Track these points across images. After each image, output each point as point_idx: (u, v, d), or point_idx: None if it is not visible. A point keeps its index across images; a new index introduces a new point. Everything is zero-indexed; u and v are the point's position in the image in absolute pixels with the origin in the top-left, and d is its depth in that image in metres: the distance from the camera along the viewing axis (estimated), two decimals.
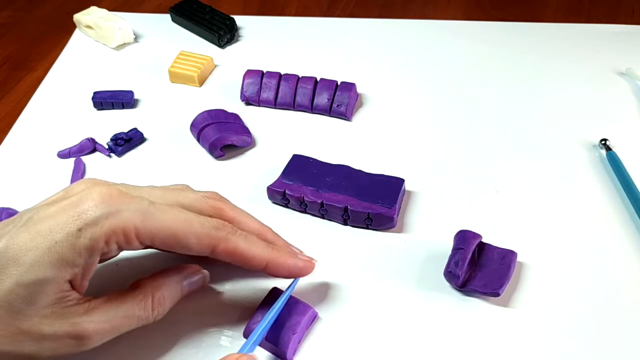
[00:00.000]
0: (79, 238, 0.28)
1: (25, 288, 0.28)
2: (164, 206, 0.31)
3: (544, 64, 0.56)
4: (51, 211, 0.29)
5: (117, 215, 0.29)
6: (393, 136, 0.49)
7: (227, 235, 0.32)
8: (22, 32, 0.67)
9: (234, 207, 0.36)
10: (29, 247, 0.28)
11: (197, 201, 0.34)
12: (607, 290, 0.37)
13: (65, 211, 0.29)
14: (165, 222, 0.30)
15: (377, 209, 0.40)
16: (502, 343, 0.35)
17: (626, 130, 0.49)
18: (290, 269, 0.35)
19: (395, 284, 0.38)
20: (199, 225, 0.32)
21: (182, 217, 0.31)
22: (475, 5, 0.67)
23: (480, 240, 0.38)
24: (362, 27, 0.63)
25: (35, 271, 0.28)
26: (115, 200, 0.29)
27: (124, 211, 0.29)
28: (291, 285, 0.35)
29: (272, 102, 0.52)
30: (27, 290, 0.28)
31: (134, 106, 0.54)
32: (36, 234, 0.28)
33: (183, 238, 0.31)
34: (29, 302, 0.28)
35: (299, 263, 0.35)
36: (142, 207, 0.30)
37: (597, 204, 0.43)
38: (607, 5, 0.65)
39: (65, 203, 0.29)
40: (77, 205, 0.29)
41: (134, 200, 0.30)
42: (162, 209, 0.31)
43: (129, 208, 0.30)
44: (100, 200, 0.29)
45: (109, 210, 0.29)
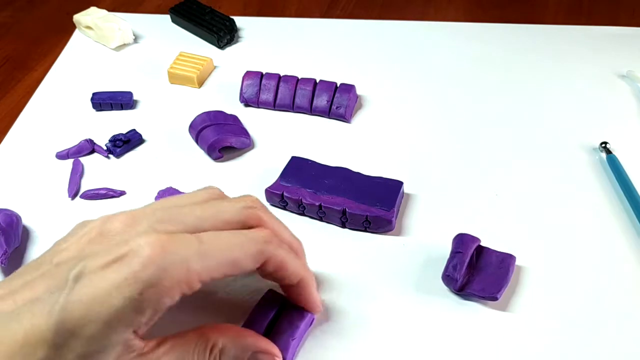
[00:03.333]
0: (141, 302, 0.26)
1: (89, 358, 0.26)
2: (214, 237, 0.29)
3: (544, 66, 0.56)
4: (99, 269, 0.27)
5: (176, 269, 0.27)
6: (392, 138, 0.49)
7: (276, 248, 0.31)
8: (22, 32, 0.67)
9: (272, 216, 0.34)
10: (87, 317, 0.26)
11: (239, 214, 0.32)
12: (606, 294, 0.37)
13: (117, 272, 0.26)
14: (222, 255, 0.29)
15: (375, 211, 0.40)
16: (500, 347, 0.35)
17: (626, 133, 0.49)
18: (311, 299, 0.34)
19: (393, 287, 0.38)
20: (252, 244, 0.30)
21: (235, 242, 0.29)
22: (475, 6, 0.67)
23: (479, 244, 0.38)
24: (362, 28, 0.63)
25: (98, 342, 0.26)
26: (167, 251, 0.27)
27: (181, 262, 0.27)
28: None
29: (271, 103, 0.52)
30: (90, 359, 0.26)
31: (133, 107, 0.53)
32: (91, 301, 0.26)
33: (240, 263, 0.30)
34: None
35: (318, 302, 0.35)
36: (195, 249, 0.28)
37: (597, 208, 0.43)
38: (608, 7, 0.65)
39: (111, 258, 0.27)
40: (128, 263, 0.26)
41: (184, 244, 0.28)
42: (214, 243, 0.29)
43: (184, 257, 0.27)
44: (153, 256, 0.27)
45: (165, 266, 0.27)
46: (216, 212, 0.31)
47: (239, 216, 0.32)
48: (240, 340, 0.31)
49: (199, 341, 0.30)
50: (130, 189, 0.46)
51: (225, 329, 0.31)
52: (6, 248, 0.39)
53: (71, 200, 0.45)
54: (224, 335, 0.31)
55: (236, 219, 0.31)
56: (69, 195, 0.45)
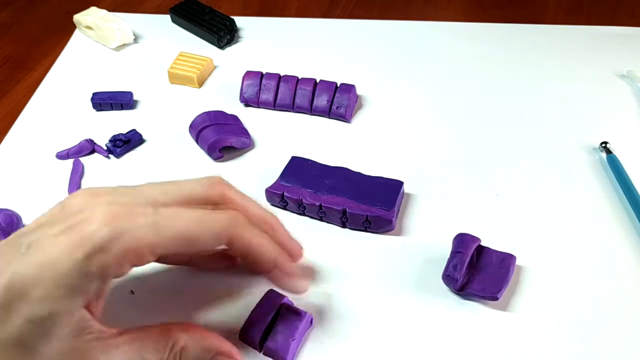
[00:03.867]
0: (88, 265, 0.26)
1: (38, 324, 0.26)
2: (171, 211, 0.29)
3: (544, 66, 0.56)
4: (52, 236, 0.27)
5: (126, 236, 0.27)
6: (392, 138, 0.49)
7: (242, 230, 0.31)
8: (22, 32, 0.67)
9: (239, 192, 0.33)
10: (36, 280, 0.26)
11: (202, 187, 0.31)
12: (606, 294, 0.37)
13: (68, 236, 0.27)
14: (177, 230, 0.29)
15: (375, 211, 0.40)
16: (501, 347, 0.34)
17: (627, 133, 0.49)
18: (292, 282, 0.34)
19: (393, 287, 0.38)
20: (212, 223, 0.30)
21: (193, 218, 0.29)
22: (475, 6, 0.67)
23: (479, 244, 0.38)
24: (362, 28, 0.63)
25: (46, 305, 0.26)
26: (120, 218, 0.27)
27: (132, 230, 0.27)
28: None
29: (271, 103, 0.52)
30: (40, 326, 0.26)
31: (133, 107, 0.53)
32: (41, 265, 0.26)
33: (198, 240, 0.29)
34: (44, 339, 0.26)
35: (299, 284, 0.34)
36: (149, 220, 0.28)
37: (597, 208, 0.43)
38: (608, 6, 0.65)
39: (66, 225, 0.27)
40: (80, 228, 0.27)
41: (139, 214, 0.28)
42: (170, 216, 0.29)
43: (137, 225, 0.27)
44: (104, 221, 0.27)
45: (116, 231, 0.27)
46: (178, 186, 0.31)
47: (201, 189, 0.31)
48: (203, 341, 0.31)
49: (161, 337, 0.30)
50: None
51: (189, 328, 0.31)
52: None
53: None
54: (187, 334, 0.31)
55: (198, 193, 0.31)
56: None
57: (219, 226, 0.30)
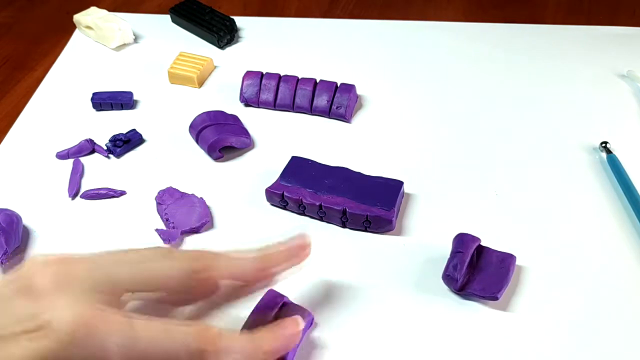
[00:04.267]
0: None
1: None
2: (146, 328, 0.27)
3: (544, 66, 0.56)
4: (16, 334, 0.25)
5: (91, 351, 0.25)
6: (392, 138, 0.49)
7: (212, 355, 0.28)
8: (22, 32, 0.67)
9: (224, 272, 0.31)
10: None
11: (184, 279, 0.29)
12: (606, 294, 0.37)
13: (28, 343, 0.24)
14: (148, 353, 0.26)
15: (375, 211, 0.40)
16: (501, 347, 0.35)
17: (627, 133, 0.49)
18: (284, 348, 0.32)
19: (393, 287, 0.38)
20: (184, 350, 0.27)
21: (165, 343, 0.27)
22: (475, 6, 0.67)
23: (479, 244, 0.38)
24: (362, 28, 0.62)
25: None
26: (90, 332, 0.25)
27: (102, 350, 0.25)
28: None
29: (271, 103, 0.52)
30: None
31: (133, 107, 0.53)
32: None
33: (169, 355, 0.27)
34: None
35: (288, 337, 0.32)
36: (120, 339, 0.26)
37: (597, 207, 0.43)
38: (608, 6, 0.65)
39: (30, 325, 0.25)
40: (47, 337, 0.25)
41: (111, 328, 0.26)
42: (142, 338, 0.26)
43: (106, 344, 0.25)
44: (72, 334, 0.25)
45: (82, 350, 0.25)
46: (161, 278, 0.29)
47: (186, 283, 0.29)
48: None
49: None
50: (131, 189, 0.45)
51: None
52: (6, 248, 0.39)
53: (71, 200, 0.45)
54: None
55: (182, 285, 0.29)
56: (69, 195, 0.45)
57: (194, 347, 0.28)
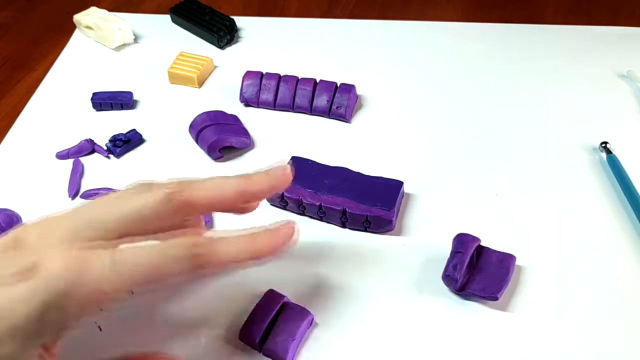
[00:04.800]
0: (46, 315, 0.25)
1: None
2: (131, 254, 0.27)
3: (544, 66, 0.56)
4: (9, 280, 0.26)
5: (83, 290, 0.26)
6: (392, 138, 0.49)
7: (207, 256, 0.29)
8: (22, 32, 0.66)
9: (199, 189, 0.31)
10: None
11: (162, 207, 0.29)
12: (606, 294, 0.37)
13: (25, 282, 0.26)
14: (140, 274, 0.27)
15: (375, 211, 0.40)
16: (501, 347, 0.35)
17: (627, 133, 0.49)
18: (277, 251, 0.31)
19: (393, 287, 0.38)
20: (175, 262, 0.28)
21: (154, 258, 0.28)
22: (474, 6, 0.67)
23: (479, 244, 0.38)
24: (362, 28, 0.62)
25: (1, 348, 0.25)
26: (76, 271, 0.26)
27: (89, 282, 0.26)
28: None
29: (271, 103, 0.52)
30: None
31: (133, 107, 0.53)
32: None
33: (166, 278, 0.28)
34: None
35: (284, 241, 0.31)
36: (106, 270, 0.26)
37: (597, 208, 0.43)
38: (607, 6, 0.65)
39: (22, 268, 0.26)
40: (38, 275, 0.26)
41: (95, 261, 0.27)
42: (128, 263, 0.27)
43: (93, 276, 0.26)
44: (61, 269, 0.26)
45: (71, 285, 0.26)
46: (137, 209, 0.29)
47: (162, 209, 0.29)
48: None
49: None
50: None
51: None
52: None
53: (71, 200, 0.45)
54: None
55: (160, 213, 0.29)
56: (69, 195, 0.45)
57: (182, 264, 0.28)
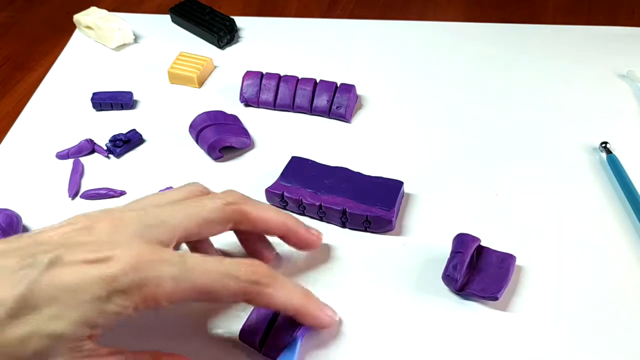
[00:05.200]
0: (107, 304, 0.27)
1: (40, 339, 0.26)
2: (197, 263, 0.29)
3: (544, 66, 0.56)
4: (78, 263, 0.27)
5: (149, 285, 0.28)
6: (392, 138, 0.49)
7: (261, 289, 0.31)
8: (22, 32, 0.66)
9: (256, 206, 0.35)
10: (53, 298, 0.26)
11: (219, 211, 0.33)
12: (606, 294, 0.37)
13: (93, 269, 0.27)
14: (199, 284, 0.29)
15: (375, 211, 0.40)
16: (501, 347, 0.35)
17: (627, 133, 0.49)
18: (316, 322, 0.34)
19: (393, 287, 0.38)
20: (234, 281, 0.30)
21: (216, 273, 0.30)
22: (475, 6, 0.67)
23: (479, 244, 0.38)
24: (362, 28, 0.62)
25: (55, 324, 0.26)
26: (146, 266, 0.28)
27: (156, 279, 0.28)
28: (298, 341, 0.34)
29: (271, 103, 0.52)
30: (41, 342, 0.26)
31: (133, 107, 0.53)
32: (61, 287, 0.27)
33: (217, 296, 0.30)
34: (40, 355, 0.26)
35: (325, 319, 0.34)
36: (174, 271, 0.28)
37: (597, 208, 0.43)
38: (608, 6, 0.65)
39: (93, 256, 0.28)
40: (107, 266, 0.27)
41: (165, 263, 0.29)
42: (195, 269, 0.29)
43: (161, 275, 0.28)
44: (131, 266, 0.27)
45: (141, 278, 0.27)
46: (198, 212, 0.32)
47: (221, 214, 0.33)
48: None
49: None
50: (131, 189, 0.46)
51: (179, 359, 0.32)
52: None
53: (71, 200, 0.45)
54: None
55: (218, 217, 0.33)
56: (69, 195, 0.45)
57: (240, 286, 0.30)
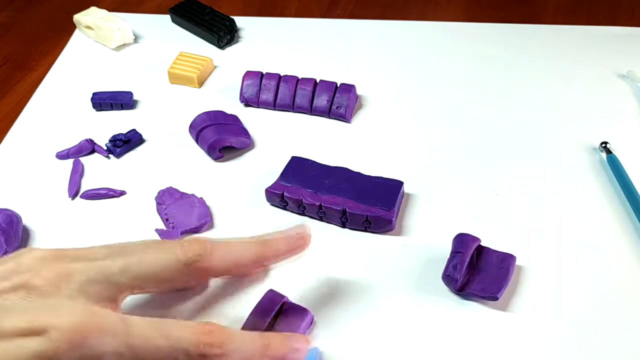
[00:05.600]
0: None
1: None
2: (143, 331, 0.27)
3: (544, 66, 0.56)
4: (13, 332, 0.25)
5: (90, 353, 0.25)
6: (392, 138, 0.49)
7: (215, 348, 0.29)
8: (22, 32, 0.67)
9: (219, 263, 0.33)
10: None
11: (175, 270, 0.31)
12: (606, 294, 0.37)
13: (30, 342, 0.25)
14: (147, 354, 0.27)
15: (375, 211, 0.40)
16: (501, 347, 0.35)
17: (627, 133, 0.49)
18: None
19: (393, 287, 0.38)
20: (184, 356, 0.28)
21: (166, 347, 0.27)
22: (475, 6, 0.67)
23: (479, 244, 0.38)
24: (362, 28, 0.63)
25: None
26: (87, 339, 0.25)
27: (98, 356, 0.26)
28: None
29: (271, 103, 0.52)
30: None
31: (133, 107, 0.53)
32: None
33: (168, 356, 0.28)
34: None
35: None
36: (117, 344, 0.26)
37: (597, 208, 0.43)
38: (608, 6, 0.65)
39: (24, 325, 0.25)
40: (42, 340, 0.25)
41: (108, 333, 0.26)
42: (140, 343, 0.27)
43: (103, 349, 0.26)
44: (70, 341, 0.25)
45: (80, 356, 0.25)
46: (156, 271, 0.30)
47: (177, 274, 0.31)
48: None
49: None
50: (131, 189, 0.46)
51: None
52: (6, 248, 0.39)
53: (71, 200, 0.45)
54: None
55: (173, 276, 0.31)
56: (69, 195, 0.45)
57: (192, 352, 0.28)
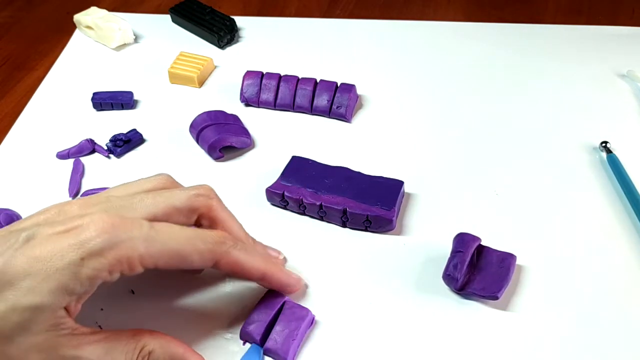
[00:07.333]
0: (81, 267, 0.28)
1: (20, 313, 0.27)
2: (165, 227, 0.31)
3: (544, 66, 0.56)
4: (50, 235, 0.28)
5: (121, 245, 0.28)
6: (393, 138, 0.49)
7: (228, 249, 0.32)
8: (22, 32, 0.66)
9: (223, 208, 0.35)
10: (28, 271, 0.27)
11: (189, 200, 0.33)
12: (607, 294, 0.37)
13: (65, 237, 0.28)
14: (169, 246, 0.30)
15: (376, 211, 0.40)
16: (501, 347, 0.35)
17: (627, 133, 0.49)
18: (282, 283, 0.36)
19: (393, 287, 0.38)
20: (202, 242, 0.31)
21: (184, 236, 0.31)
22: (475, 6, 0.67)
23: (480, 243, 0.38)
24: (362, 28, 0.63)
25: (32, 296, 0.27)
26: (117, 228, 0.29)
27: (127, 240, 0.29)
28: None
29: (271, 103, 0.52)
30: (21, 316, 0.27)
31: (134, 107, 0.53)
32: (35, 258, 0.27)
33: (187, 257, 0.31)
34: (22, 329, 0.27)
35: (291, 281, 0.36)
36: (144, 233, 0.29)
37: (598, 207, 0.43)
38: (607, 6, 0.65)
39: (64, 227, 0.28)
40: (78, 232, 0.28)
41: (135, 226, 0.29)
42: (163, 232, 0.30)
43: (132, 236, 0.29)
44: (102, 230, 0.28)
45: (112, 240, 0.28)
46: (166, 199, 0.33)
47: (189, 203, 0.33)
48: (170, 348, 0.32)
49: (130, 340, 0.31)
50: None
51: (158, 335, 0.32)
52: None
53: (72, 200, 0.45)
54: (155, 340, 0.32)
55: (186, 205, 0.33)
56: (70, 195, 0.45)
57: (208, 246, 0.32)
